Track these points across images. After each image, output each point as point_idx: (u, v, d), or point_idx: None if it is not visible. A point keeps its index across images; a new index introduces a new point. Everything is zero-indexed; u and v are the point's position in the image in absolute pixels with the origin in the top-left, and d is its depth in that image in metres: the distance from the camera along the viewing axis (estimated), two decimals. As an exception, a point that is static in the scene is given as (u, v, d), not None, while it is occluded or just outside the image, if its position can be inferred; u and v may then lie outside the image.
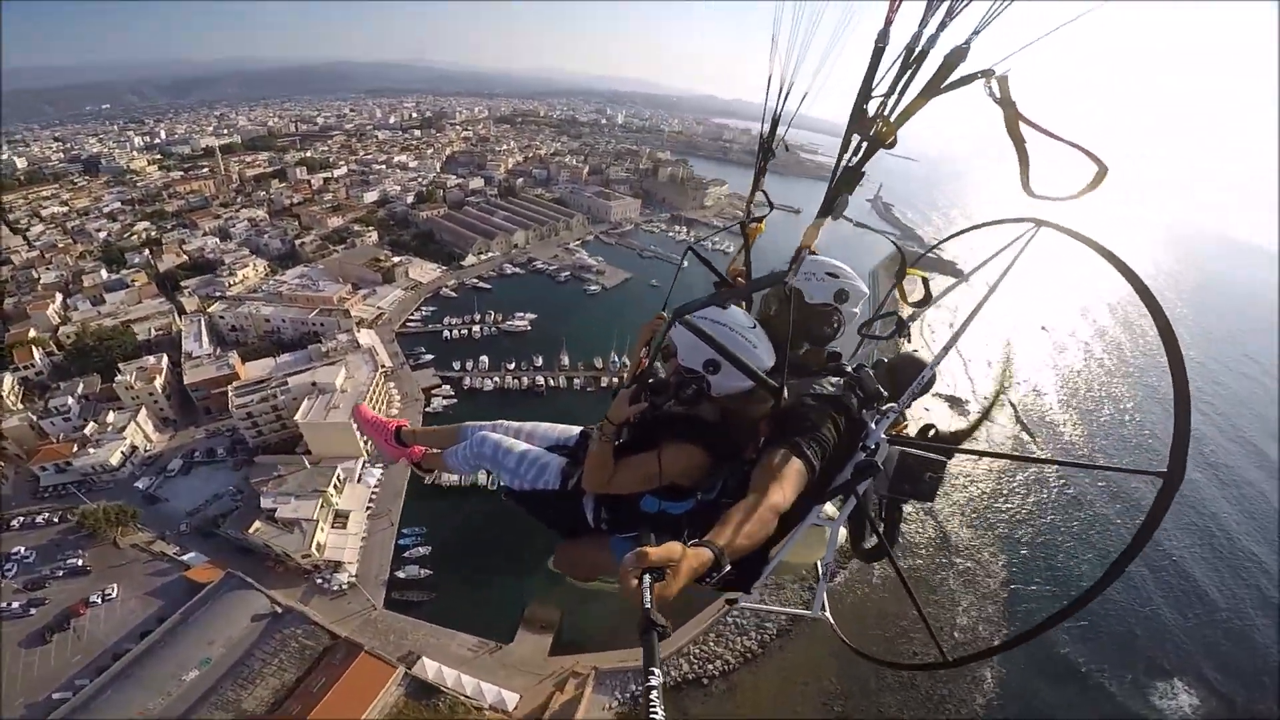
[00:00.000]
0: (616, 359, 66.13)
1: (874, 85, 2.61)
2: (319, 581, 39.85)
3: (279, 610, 37.08)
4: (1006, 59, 2.33)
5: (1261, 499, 61.41)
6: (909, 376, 2.95)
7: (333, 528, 42.69)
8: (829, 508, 3.14)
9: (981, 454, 3.87)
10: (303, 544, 39.81)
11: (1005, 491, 53.93)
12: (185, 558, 41.56)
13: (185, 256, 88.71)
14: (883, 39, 2.49)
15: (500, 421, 4.23)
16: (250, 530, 40.72)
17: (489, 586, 40.44)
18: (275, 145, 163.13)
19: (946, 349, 2.89)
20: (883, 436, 2.87)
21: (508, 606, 39.15)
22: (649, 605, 1.62)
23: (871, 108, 2.65)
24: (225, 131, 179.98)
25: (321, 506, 42.25)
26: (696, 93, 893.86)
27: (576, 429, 4.02)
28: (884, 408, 2.94)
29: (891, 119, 2.62)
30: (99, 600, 38.77)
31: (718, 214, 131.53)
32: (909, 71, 2.51)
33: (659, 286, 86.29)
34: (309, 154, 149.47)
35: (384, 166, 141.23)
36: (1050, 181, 2.49)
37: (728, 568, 2.03)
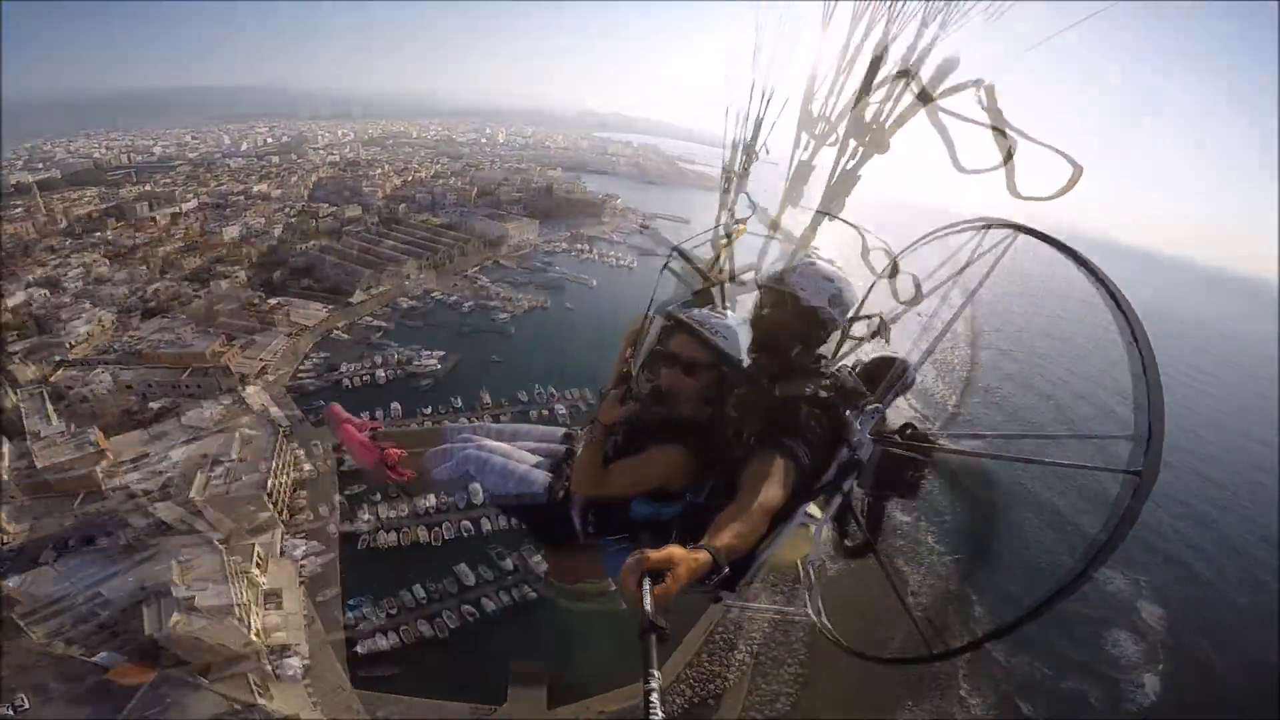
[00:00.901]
0: (543, 390, 64.23)
1: (871, 93, 2.67)
2: (269, 669, 35.65)
3: (238, 709, 32.86)
4: (992, 71, 2.44)
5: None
6: (890, 377, 3.03)
7: (267, 609, 38.53)
8: (813, 507, 3.21)
9: (963, 453, 3.83)
10: (239, 632, 35.52)
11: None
12: (97, 659, 35.51)
13: (8, 314, 75.42)
14: (880, 50, 2.54)
15: (480, 424, 4.30)
16: (173, 623, 35.57)
17: (459, 646, 38.23)
18: (105, 179, 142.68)
19: (929, 352, 3.02)
20: (867, 436, 2.95)
21: (487, 664, 37.03)
22: (649, 607, 1.68)
23: (869, 114, 2.71)
24: (40, 166, 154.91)
25: (249, 588, 38.06)
26: (575, 108, 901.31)
27: (560, 430, 4.09)
28: (867, 408, 3.01)
29: (886, 125, 2.69)
30: (11, 712, 32.52)
31: (615, 229, 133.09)
32: (903, 81, 2.57)
33: (574, 310, 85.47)
34: (149, 188, 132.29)
35: (242, 198, 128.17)
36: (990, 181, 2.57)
37: (726, 570, 2.11)
